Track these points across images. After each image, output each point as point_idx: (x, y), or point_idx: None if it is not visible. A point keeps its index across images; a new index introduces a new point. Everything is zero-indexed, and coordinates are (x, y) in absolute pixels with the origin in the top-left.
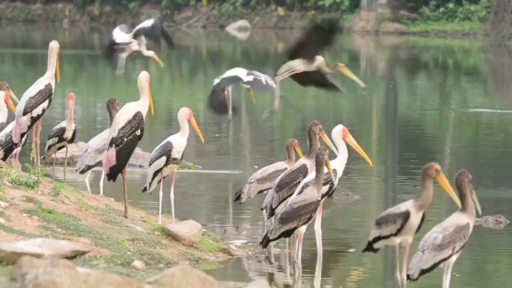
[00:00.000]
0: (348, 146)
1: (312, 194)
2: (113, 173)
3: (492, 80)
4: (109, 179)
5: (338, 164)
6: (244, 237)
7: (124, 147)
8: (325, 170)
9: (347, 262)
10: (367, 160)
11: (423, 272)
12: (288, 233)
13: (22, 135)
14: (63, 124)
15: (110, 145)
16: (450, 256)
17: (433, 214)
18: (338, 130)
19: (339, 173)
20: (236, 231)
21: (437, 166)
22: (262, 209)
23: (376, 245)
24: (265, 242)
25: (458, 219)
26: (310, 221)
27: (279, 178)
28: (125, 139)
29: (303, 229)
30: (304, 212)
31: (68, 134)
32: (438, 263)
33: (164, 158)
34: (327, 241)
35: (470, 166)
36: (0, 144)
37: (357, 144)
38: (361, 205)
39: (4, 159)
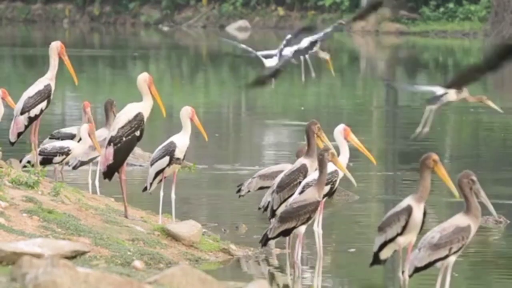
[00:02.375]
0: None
1: (313, 194)
2: (110, 171)
3: (492, 80)
4: (105, 178)
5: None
6: (244, 237)
7: (122, 147)
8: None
9: (347, 262)
10: (370, 159)
11: (417, 270)
12: (287, 232)
13: (19, 134)
14: (74, 130)
15: (109, 143)
16: (446, 257)
17: (436, 214)
18: (339, 129)
19: (341, 173)
20: (236, 231)
21: (435, 156)
22: (259, 208)
23: (382, 255)
24: (264, 240)
25: (459, 220)
26: (310, 222)
27: (279, 179)
28: (124, 139)
29: (302, 229)
30: (304, 212)
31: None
32: (433, 262)
33: (167, 158)
34: (327, 241)
35: (470, 166)
36: (44, 153)
37: (359, 143)
38: (361, 205)
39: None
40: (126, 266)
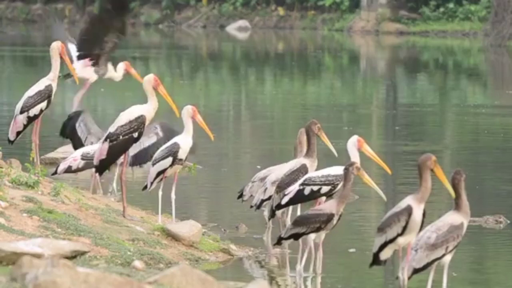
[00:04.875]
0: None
1: (331, 206)
2: (101, 167)
3: (492, 80)
4: (96, 172)
5: None
6: (244, 237)
7: (117, 145)
8: (327, 171)
9: (347, 262)
10: (385, 169)
11: (416, 271)
12: (297, 236)
13: (18, 133)
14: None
15: (105, 139)
16: (443, 256)
17: (435, 214)
18: (353, 141)
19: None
20: (236, 231)
21: (433, 157)
22: (251, 207)
23: (382, 255)
24: (278, 239)
25: (452, 218)
26: (321, 232)
27: (273, 176)
28: (121, 137)
29: (311, 236)
30: (314, 221)
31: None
32: (431, 262)
33: (170, 159)
34: (327, 241)
35: (470, 165)
36: (88, 157)
37: (374, 154)
38: (361, 205)
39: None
40: (126, 266)
